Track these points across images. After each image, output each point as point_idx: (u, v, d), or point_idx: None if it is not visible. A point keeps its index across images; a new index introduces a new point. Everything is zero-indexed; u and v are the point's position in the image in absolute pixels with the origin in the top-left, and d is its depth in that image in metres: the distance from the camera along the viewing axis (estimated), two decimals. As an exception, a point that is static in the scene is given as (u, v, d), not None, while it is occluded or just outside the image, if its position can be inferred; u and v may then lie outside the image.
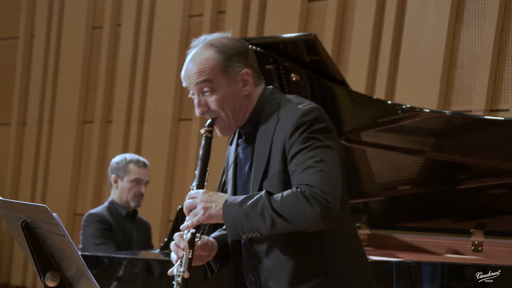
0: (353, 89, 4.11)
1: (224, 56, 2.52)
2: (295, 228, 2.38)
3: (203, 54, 2.55)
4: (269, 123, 2.50)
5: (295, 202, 2.34)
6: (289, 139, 2.43)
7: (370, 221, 4.54)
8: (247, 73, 2.54)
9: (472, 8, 5.23)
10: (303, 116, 2.43)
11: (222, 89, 2.52)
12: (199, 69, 2.53)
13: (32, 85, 7.94)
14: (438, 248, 4.18)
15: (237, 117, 2.54)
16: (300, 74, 3.94)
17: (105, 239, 4.71)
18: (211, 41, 2.58)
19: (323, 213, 2.32)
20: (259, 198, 2.40)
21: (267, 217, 2.37)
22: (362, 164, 4.31)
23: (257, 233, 2.41)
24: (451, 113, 4.04)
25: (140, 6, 7.17)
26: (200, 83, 2.53)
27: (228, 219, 2.43)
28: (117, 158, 4.95)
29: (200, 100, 2.55)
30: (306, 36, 3.82)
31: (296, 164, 2.40)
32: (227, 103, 2.52)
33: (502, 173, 3.85)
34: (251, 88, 2.55)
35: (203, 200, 2.47)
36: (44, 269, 2.34)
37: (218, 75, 2.52)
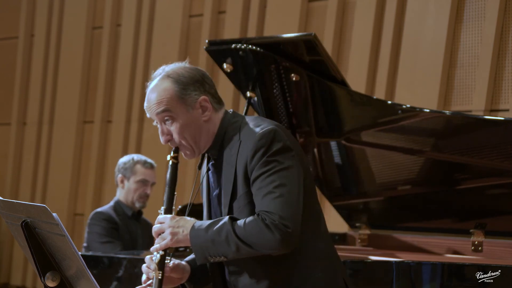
0: (353, 89, 4.11)
1: (180, 85, 2.63)
2: (258, 253, 2.49)
3: (161, 85, 2.65)
4: (232, 146, 2.61)
5: (257, 229, 2.45)
6: (250, 163, 2.53)
7: (370, 221, 4.54)
8: (205, 99, 2.64)
9: (472, 8, 5.23)
10: (261, 139, 2.53)
11: (181, 117, 2.63)
12: (158, 100, 2.64)
13: (32, 85, 7.94)
14: (438, 248, 4.18)
15: (199, 143, 2.65)
16: (300, 74, 3.94)
17: (112, 238, 4.72)
18: (167, 72, 2.68)
19: (283, 239, 2.43)
20: (223, 224, 2.51)
21: (232, 243, 2.48)
22: (362, 164, 4.31)
23: (223, 258, 2.52)
24: (451, 113, 4.04)
25: (140, 6, 7.17)
26: (160, 113, 2.64)
27: (195, 244, 2.53)
28: (125, 158, 4.96)
29: (163, 129, 2.68)
30: (306, 36, 3.82)
31: (257, 189, 2.51)
32: (187, 130, 2.63)
33: (502, 173, 3.85)
34: (211, 113, 2.65)
35: (170, 225, 2.58)
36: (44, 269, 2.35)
37: (176, 104, 2.62)
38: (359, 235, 4.55)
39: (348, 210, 4.61)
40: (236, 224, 2.49)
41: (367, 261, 3.66)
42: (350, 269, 3.52)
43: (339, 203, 4.50)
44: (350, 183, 4.40)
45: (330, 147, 4.29)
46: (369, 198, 4.47)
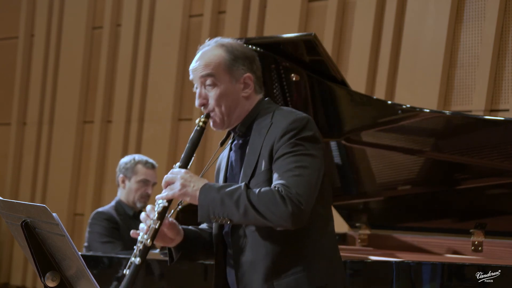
0: (353, 89, 4.11)
1: (231, 56, 2.66)
2: (265, 223, 2.49)
3: (212, 51, 2.68)
4: (262, 128, 2.63)
5: (270, 198, 2.46)
6: (278, 142, 2.55)
7: (370, 221, 4.54)
8: (249, 77, 2.68)
9: (472, 8, 5.23)
10: (294, 122, 2.57)
11: (223, 85, 2.65)
12: (205, 63, 2.66)
13: (32, 85, 7.94)
14: (438, 248, 4.18)
15: (232, 116, 2.67)
16: (300, 74, 3.94)
17: (112, 238, 4.72)
18: (222, 41, 2.71)
19: (294, 213, 2.45)
20: (237, 187, 2.52)
21: (241, 206, 2.48)
22: (362, 164, 4.31)
23: (227, 219, 2.52)
24: (451, 113, 4.04)
25: (140, 6, 7.17)
26: (204, 76, 2.65)
27: (202, 201, 2.54)
28: (126, 159, 4.96)
29: (201, 92, 2.67)
30: (306, 36, 3.82)
31: (279, 166, 2.54)
32: (225, 99, 2.65)
33: (502, 173, 3.85)
34: (251, 92, 2.69)
35: (183, 177, 2.59)
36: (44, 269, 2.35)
37: (222, 72, 2.65)
38: (359, 235, 4.55)
39: (348, 210, 4.61)
40: (250, 190, 2.51)
41: (367, 261, 3.66)
42: (350, 269, 3.52)
43: (339, 203, 4.50)
44: (350, 183, 4.40)
45: (330, 147, 4.30)
46: (369, 198, 4.47)
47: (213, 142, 6.21)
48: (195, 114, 6.69)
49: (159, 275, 4.08)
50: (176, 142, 6.85)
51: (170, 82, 6.86)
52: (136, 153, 6.92)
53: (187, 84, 6.79)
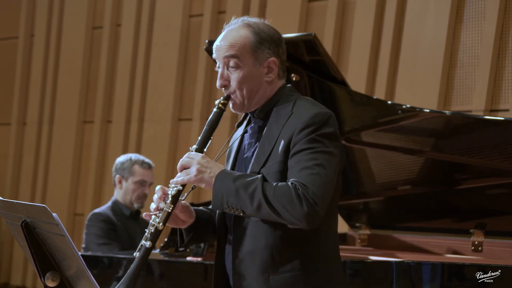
0: (353, 89, 4.11)
1: (257, 38, 2.58)
2: (278, 219, 2.44)
3: (238, 31, 2.60)
4: (281, 116, 2.57)
5: (287, 195, 2.41)
6: (297, 135, 2.49)
7: (370, 221, 4.54)
8: (274, 61, 2.61)
9: (472, 8, 5.23)
10: (315, 116, 2.51)
11: (246, 68, 2.58)
12: (230, 43, 2.58)
13: (32, 85, 7.94)
14: (438, 248, 4.18)
15: (252, 99, 2.61)
16: (300, 74, 3.94)
17: (109, 239, 4.71)
18: (249, 22, 2.63)
19: (309, 214, 2.40)
20: (254, 179, 2.46)
21: (256, 200, 2.43)
22: (362, 164, 4.31)
23: (240, 211, 2.48)
24: (451, 113, 4.04)
25: (140, 6, 7.17)
26: (228, 57, 2.58)
27: (217, 188, 2.49)
28: (122, 158, 4.93)
29: (224, 72, 2.61)
30: (306, 36, 3.82)
31: (296, 161, 2.47)
32: (247, 82, 2.58)
33: (502, 173, 3.85)
34: (274, 77, 2.62)
35: (199, 162, 2.53)
36: (44, 269, 2.35)
37: (246, 54, 2.58)
38: (359, 235, 4.55)
39: (348, 210, 4.61)
40: (266, 183, 2.46)
41: (367, 261, 3.66)
42: (350, 269, 3.52)
43: (339, 203, 4.49)
44: (350, 183, 4.40)
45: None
46: (369, 198, 4.47)
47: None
48: (195, 114, 6.69)
49: (159, 275, 4.08)
50: (176, 142, 6.85)
51: (170, 82, 6.86)
52: (136, 153, 6.93)
53: (187, 84, 6.79)
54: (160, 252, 4.27)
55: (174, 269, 4.02)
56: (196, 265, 3.91)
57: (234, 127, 2.80)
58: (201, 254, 3.96)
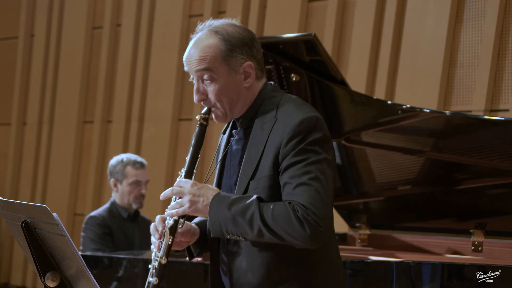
0: (353, 89, 4.11)
1: (228, 46, 2.45)
2: (282, 242, 2.36)
3: (206, 41, 2.47)
4: (266, 122, 2.45)
5: (287, 219, 2.31)
6: (285, 147, 2.38)
7: (370, 221, 4.54)
8: (250, 65, 2.48)
9: (472, 8, 5.23)
10: (301, 124, 2.39)
11: (222, 79, 2.45)
12: (200, 56, 2.46)
13: (32, 85, 7.94)
14: (438, 248, 4.18)
15: (234, 109, 2.49)
16: (300, 74, 3.94)
17: (102, 245, 4.70)
18: (216, 27, 2.48)
19: (313, 236, 2.31)
20: (249, 204, 2.36)
21: (255, 227, 2.35)
22: (362, 164, 4.31)
23: (241, 238, 2.40)
24: (451, 113, 4.04)
25: (140, 6, 7.17)
26: (201, 71, 2.47)
27: (214, 217, 2.40)
28: (114, 161, 4.90)
29: (199, 87, 2.49)
30: (306, 36, 3.82)
31: (290, 177, 2.36)
32: (226, 93, 2.46)
33: (502, 173, 3.85)
34: (253, 80, 2.49)
35: (191, 192, 2.43)
36: (44, 269, 2.35)
37: (219, 65, 2.45)
38: (359, 235, 4.55)
39: (348, 210, 4.61)
40: (263, 207, 2.35)
41: (367, 261, 3.66)
42: (350, 269, 3.52)
43: (339, 203, 4.50)
44: (350, 183, 4.40)
45: (330, 147, 4.29)
46: (369, 198, 4.47)
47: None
48: (195, 114, 6.68)
49: (159, 275, 4.07)
50: (176, 142, 6.85)
51: (170, 82, 6.86)
52: (136, 153, 6.92)
53: (187, 84, 6.79)
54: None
55: (174, 269, 4.02)
56: (196, 265, 3.91)
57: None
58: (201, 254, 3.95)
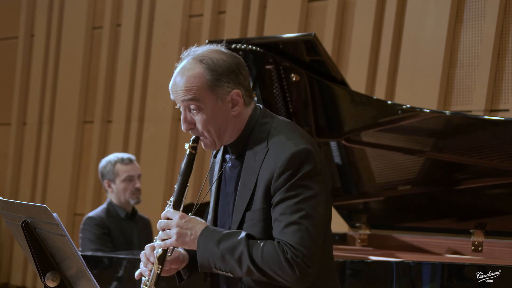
0: (353, 89, 4.11)
1: (213, 75, 2.40)
2: (271, 282, 2.36)
3: (191, 70, 2.42)
4: (258, 152, 2.42)
5: (276, 261, 2.31)
6: (276, 181, 2.35)
7: (370, 221, 4.54)
8: (237, 93, 2.43)
9: (472, 8, 5.23)
10: (292, 158, 2.35)
11: (209, 108, 2.41)
12: (186, 86, 2.42)
13: (32, 85, 7.94)
14: (438, 248, 4.18)
15: (223, 137, 2.46)
16: (300, 74, 3.94)
17: (101, 245, 4.70)
18: (201, 56, 2.43)
19: (302, 278, 2.30)
20: (238, 242, 2.35)
21: (244, 266, 2.34)
22: (362, 164, 4.31)
23: (230, 274, 2.40)
24: (451, 113, 4.04)
25: (140, 6, 7.17)
26: (187, 101, 2.42)
27: (202, 253, 2.40)
28: (103, 163, 4.90)
29: (186, 116, 2.45)
30: (306, 36, 3.82)
31: (280, 214, 2.34)
32: (213, 123, 2.43)
33: (502, 173, 3.85)
34: (241, 108, 2.44)
35: (178, 225, 2.42)
36: (44, 269, 2.35)
37: (206, 95, 2.40)
38: (359, 235, 4.55)
39: (348, 210, 4.61)
40: (253, 246, 2.34)
41: (367, 261, 3.66)
42: (350, 269, 3.52)
43: (339, 203, 4.50)
44: (350, 183, 4.40)
45: (330, 147, 4.29)
46: (369, 198, 4.47)
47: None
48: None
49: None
50: (176, 142, 6.85)
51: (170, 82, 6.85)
52: (136, 153, 6.93)
53: (187, 84, 6.78)
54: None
55: (174, 269, 4.02)
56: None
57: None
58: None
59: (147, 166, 6.83)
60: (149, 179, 6.53)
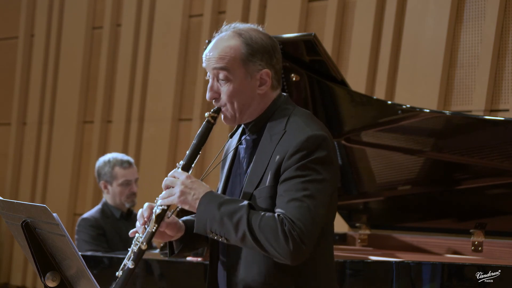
0: (353, 89, 4.11)
1: (249, 49, 2.45)
2: (262, 252, 2.36)
3: (228, 41, 2.47)
4: (274, 134, 2.45)
5: (273, 229, 2.31)
6: (288, 160, 2.38)
7: (370, 221, 4.54)
8: (267, 73, 2.48)
9: (472, 8, 5.23)
10: (308, 140, 2.38)
11: (237, 81, 2.46)
12: (220, 55, 2.46)
13: (32, 85, 7.94)
14: (438, 248, 4.18)
15: (244, 113, 2.49)
16: (300, 74, 3.94)
17: (97, 246, 4.70)
18: (240, 30, 2.49)
19: (294, 252, 2.30)
20: (239, 207, 2.36)
21: (240, 231, 2.34)
22: (362, 164, 4.31)
23: (223, 238, 2.39)
24: (451, 113, 4.04)
25: (140, 6, 7.17)
26: (217, 69, 2.47)
27: (201, 214, 2.39)
28: (101, 163, 4.87)
29: (213, 84, 2.50)
30: (306, 36, 3.82)
31: (285, 190, 2.36)
32: (238, 96, 2.47)
33: (502, 173, 3.85)
34: (268, 89, 2.49)
35: (183, 183, 2.43)
36: (44, 269, 2.35)
37: (237, 67, 2.45)
38: (359, 235, 4.55)
39: (348, 210, 4.61)
40: (252, 214, 2.34)
41: (367, 261, 3.66)
42: (350, 269, 3.52)
43: (339, 203, 4.48)
44: (350, 183, 4.40)
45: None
46: (369, 198, 4.47)
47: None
48: (195, 114, 6.69)
49: (159, 275, 4.08)
50: (176, 142, 6.85)
51: (170, 82, 6.86)
52: (136, 153, 6.93)
53: (187, 84, 6.79)
54: (160, 252, 4.27)
55: (174, 269, 4.02)
56: (196, 265, 3.91)
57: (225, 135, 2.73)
58: (201, 254, 3.96)
59: (147, 166, 6.83)
60: (148, 179, 6.53)
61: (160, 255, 4.22)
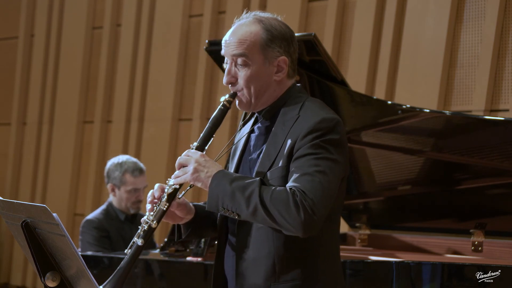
0: (353, 89, 4.11)
1: (268, 35, 2.52)
2: (273, 225, 2.38)
3: (248, 27, 2.54)
4: (288, 119, 2.50)
5: (284, 201, 2.34)
6: (301, 140, 2.42)
7: (370, 221, 4.54)
8: (284, 60, 2.53)
9: (472, 8, 5.23)
10: (322, 122, 2.43)
11: (255, 66, 2.51)
12: (239, 40, 2.52)
13: (32, 85, 7.94)
14: (438, 248, 4.18)
15: (260, 99, 2.54)
16: (300, 74, 3.94)
17: (101, 247, 4.69)
18: (261, 17, 2.58)
19: (305, 223, 2.32)
20: (251, 182, 2.39)
21: (252, 204, 2.36)
22: (362, 164, 4.31)
23: (235, 214, 2.41)
24: (451, 113, 4.04)
25: (140, 6, 7.17)
26: (237, 55, 2.51)
27: (213, 189, 2.42)
28: (112, 165, 4.84)
29: (231, 69, 2.54)
30: (306, 36, 3.82)
31: (297, 166, 2.40)
32: (255, 81, 2.51)
33: (502, 173, 3.85)
34: (284, 76, 2.55)
35: (197, 161, 2.46)
36: (44, 269, 2.35)
37: (256, 52, 2.51)
38: (359, 235, 4.55)
39: (348, 210, 4.61)
40: (264, 188, 2.37)
41: (367, 261, 3.66)
42: (350, 269, 3.52)
43: (339, 203, 4.50)
44: (350, 183, 4.40)
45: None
46: (369, 198, 4.47)
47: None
48: (195, 114, 6.69)
49: (159, 275, 4.08)
50: (176, 142, 6.85)
51: (170, 82, 6.86)
52: (136, 153, 6.92)
53: (187, 84, 6.79)
54: (160, 252, 4.27)
55: (174, 269, 4.02)
56: (196, 265, 3.91)
57: (233, 127, 2.76)
58: (201, 254, 3.96)
59: (147, 166, 6.80)
60: (149, 179, 6.51)
61: (160, 255, 4.22)
